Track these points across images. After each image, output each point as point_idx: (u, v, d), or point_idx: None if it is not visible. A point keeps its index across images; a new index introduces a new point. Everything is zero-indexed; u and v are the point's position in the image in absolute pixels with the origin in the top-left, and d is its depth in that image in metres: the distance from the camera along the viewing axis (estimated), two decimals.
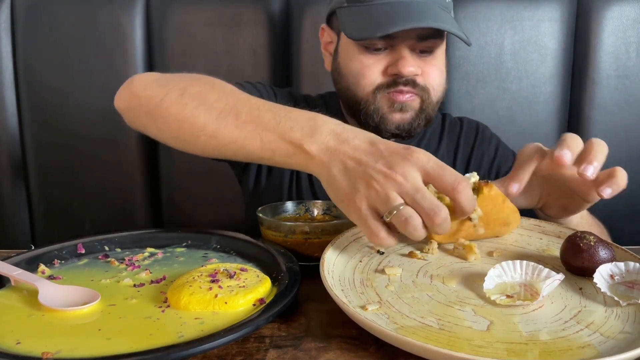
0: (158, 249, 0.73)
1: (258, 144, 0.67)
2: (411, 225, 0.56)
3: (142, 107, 0.78)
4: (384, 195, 0.57)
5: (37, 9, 1.32)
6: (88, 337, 0.50)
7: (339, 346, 0.51)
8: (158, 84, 0.79)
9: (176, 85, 0.76)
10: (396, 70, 0.91)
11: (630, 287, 0.58)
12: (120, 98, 0.83)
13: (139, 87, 0.80)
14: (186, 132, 0.73)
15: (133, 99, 0.80)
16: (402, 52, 0.91)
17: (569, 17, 1.30)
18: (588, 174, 0.66)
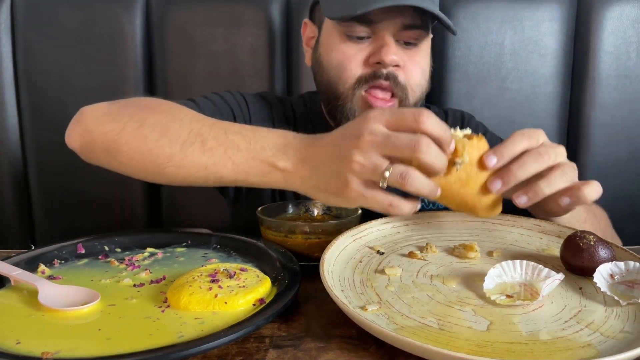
0: (158, 249, 0.73)
1: (230, 167, 0.66)
2: (409, 177, 0.57)
3: (97, 143, 0.74)
4: (369, 164, 0.58)
5: (37, 9, 1.32)
6: (88, 337, 0.50)
7: (339, 346, 0.51)
8: (111, 117, 0.75)
9: (132, 117, 0.73)
10: (378, 57, 0.86)
11: (630, 286, 0.58)
12: (72, 136, 0.79)
13: (91, 123, 0.76)
14: (151, 164, 0.70)
15: (86, 136, 0.76)
16: (385, 39, 0.87)
17: (569, 17, 1.30)
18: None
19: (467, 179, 0.63)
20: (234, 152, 0.67)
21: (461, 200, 0.65)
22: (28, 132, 1.36)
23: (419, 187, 0.58)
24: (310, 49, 1.01)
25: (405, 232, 0.76)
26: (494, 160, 0.63)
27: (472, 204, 0.65)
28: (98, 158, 0.77)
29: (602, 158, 1.32)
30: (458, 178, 0.63)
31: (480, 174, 0.64)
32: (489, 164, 0.63)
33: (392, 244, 0.72)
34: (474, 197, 0.64)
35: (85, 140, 0.77)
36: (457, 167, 0.63)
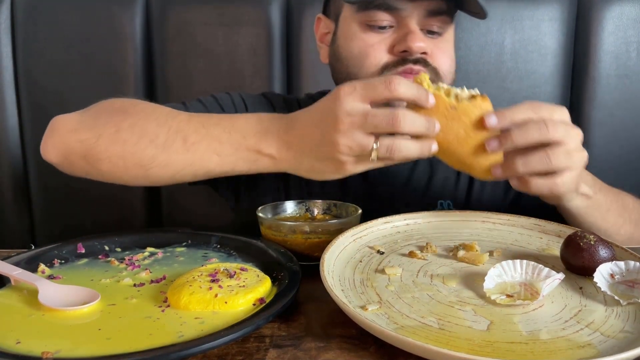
0: (158, 248, 0.73)
1: (216, 160, 0.67)
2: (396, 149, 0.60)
3: (75, 153, 0.73)
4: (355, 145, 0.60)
5: (37, 9, 1.32)
6: (88, 337, 0.50)
7: (339, 346, 0.51)
8: (85, 126, 0.74)
9: (107, 123, 0.72)
10: (404, 46, 0.82)
11: (631, 286, 0.58)
12: (47, 148, 0.77)
13: (65, 133, 0.75)
14: (135, 168, 0.70)
15: (62, 147, 0.75)
16: (410, 27, 0.82)
17: (569, 16, 1.30)
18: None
19: (466, 137, 0.64)
20: (217, 145, 0.67)
21: (458, 159, 0.66)
22: (28, 132, 1.36)
23: (409, 154, 0.61)
24: (326, 45, 0.97)
25: (405, 232, 0.76)
26: (493, 119, 0.63)
27: (469, 163, 0.66)
28: (77, 168, 0.75)
29: (602, 157, 1.32)
30: (456, 135, 0.64)
31: (479, 134, 0.64)
32: (488, 123, 0.63)
33: (392, 243, 0.72)
34: (471, 155, 0.65)
35: (61, 152, 0.75)
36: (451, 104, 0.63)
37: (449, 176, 0.99)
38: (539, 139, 0.63)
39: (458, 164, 0.67)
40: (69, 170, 0.78)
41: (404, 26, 0.83)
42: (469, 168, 0.67)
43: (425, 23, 0.84)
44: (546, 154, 0.64)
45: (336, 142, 0.61)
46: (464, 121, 0.64)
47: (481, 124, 0.63)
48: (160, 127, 0.69)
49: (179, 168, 0.68)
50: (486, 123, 0.63)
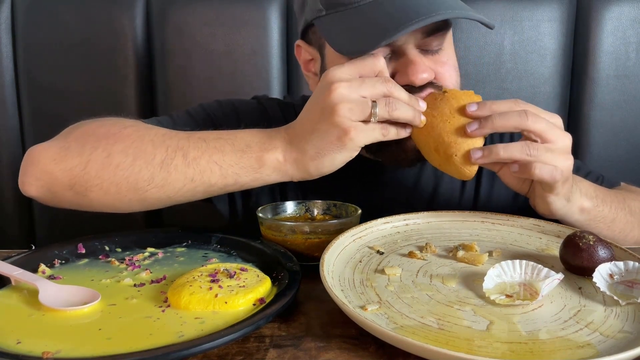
0: (158, 248, 0.73)
1: (218, 172, 0.67)
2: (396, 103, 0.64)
3: (61, 183, 0.69)
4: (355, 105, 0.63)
5: (37, 9, 1.32)
6: (88, 337, 0.50)
7: (339, 346, 0.51)
8: (71, 152, 0.69)
9: (96, 148, 0.68)
10: (406, 79, 0.74)
11: (630, 286, 0.58)
12: (27, 182, 0.71)
13: (48, 163, 0.69)
14: (128, 192, 0.67)
15: (46, 178, 0.69)
16: (409, 56, 0.75)
17: (569, 17, 1.30)
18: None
19: (449, 116, 0.69)
20: (220, 157, 0.67)
21: (438, 134, 0.69)
22: (28, 132, 1.36)
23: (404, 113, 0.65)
24: (313, 75, 0.89)
25: (405, 232, 0.76)
26: (474, 106, 0.68)
27: (448, 140, 0.68)
28: (63, 200, 0.71)
29: (601, 158, 1.32)
30: (441, 113, 0.69)
31: (462, 118, 0.69)
32: (468, 109, 0.68)
33: (391, 243, 0.72)
34: (451, 134, 0.68)
35: (45, 183, 0.70)
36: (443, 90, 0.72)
37: (455, 187, 0.97)
38: (517, 125, 0.66)
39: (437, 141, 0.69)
40: (53, 202, 0.73)
41: (401, 54, 0.76)
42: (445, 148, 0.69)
43: (422, 44, 0.77)
44: (527, 143, 0.67)
45: (334, 106, 0.63)
46: (451, 103, 0.69)
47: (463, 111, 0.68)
48: (157, 147, 0.67)
49: (178, 186, 0.67)
50: (467, 109, 0.68)
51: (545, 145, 0.67)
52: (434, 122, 0.69)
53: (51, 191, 0.71)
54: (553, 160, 0.67)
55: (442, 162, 0.71)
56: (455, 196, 0.97)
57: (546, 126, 0.67)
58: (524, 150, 0.66)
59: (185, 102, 1.29)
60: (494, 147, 0.67)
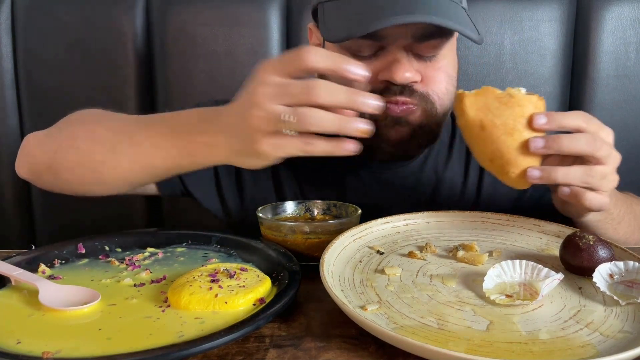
0: (158, 248, 0.73)
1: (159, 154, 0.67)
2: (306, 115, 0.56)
3: (40, 164, 0.76)
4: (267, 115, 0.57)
5: (37, 9, 1.32)
6: (88, 337, 0.50)
7: (339, 346, 0.51)
8: (48, 138, 0.77)
9: (65, 133, 0.75)
10: (388, 76, 0.75)
11: (630, 286, 0.58)
12: (19, 164, 0.80)
13: (32, 147, 0.78)
14: (90, 174, 0.71)
15: (29, 160, 0.78)
16: (395, 55, 0.75)
17: (569, 17, 1.30)
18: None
19: (513, 129, 0.62)
20: (159, 140, 0.67)
21: (497, 148, 0.63)
22: (28, 132, 1.35)
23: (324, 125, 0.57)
24: None
25: (405, 232, 0.76)
26: (542, 119, 0.61)
27: (507, 157, 0.63)
28: (45, 182, 0.78)
29: None
30: (504, 123, 0.62)
31: (526, 131, 0.62)
32: (536, 122, 0.61)
33: (391, 243, 0.72)
34: (512, 149, 0.63)
35: (30, 166, 0.78)
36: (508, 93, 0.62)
37: (455, 185, 0.96)
38: (585, 152, 0.62)
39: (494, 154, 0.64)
40: (39, 184, 0.80)
41: (389, 54, 0.76)
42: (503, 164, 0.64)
43: (413, 47, 0.76)
44: (588, 169, 0.63)
45: (250, 114, 0.58)
46: (516, 112, 0.62)
47: (530, 122, 0.62)
48: (108, 130, 0.71)
49: (127, 167, 0.69)
50: (534, 121, 0.61)
51: (601, 171, 0.63)
52: (495, 133, 0.62)
53: (35, 173, 0.78)
54: (605, 186, 0.64)
55: (494, 171, 0.66)
56: (455, 194, 0.97)
57: (608, 151, 0.64)
58: (582, 177, 0.63)
59: (185, 102, 1.29)
60: (553, 170, 0.62)
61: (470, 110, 0.63)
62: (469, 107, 0.63)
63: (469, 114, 0.63)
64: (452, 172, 0.97)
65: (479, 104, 0.63)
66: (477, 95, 0.63)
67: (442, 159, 0.96)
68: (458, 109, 0.65)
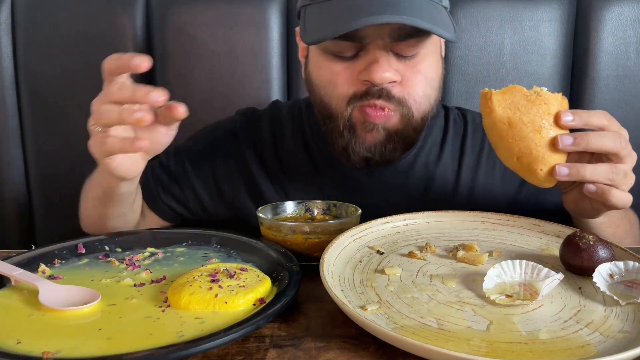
0: (158, 248, 0.73)
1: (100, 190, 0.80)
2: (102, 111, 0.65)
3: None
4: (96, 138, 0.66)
5: (37, 9, 1.32)
6: (88, 337, 0.50)
7: (339, 346, 0.51)
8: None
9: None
10: (367, 76, 0.77)
11: (630, 286, 0.58)
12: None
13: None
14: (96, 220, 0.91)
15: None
16: (374, 55, 0.76)
17: (569, 17, 1.30)
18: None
19: (540, 126, 0.64)
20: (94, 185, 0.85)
21: (526, 146, 0.64)
22: (28, 132, 1.36)
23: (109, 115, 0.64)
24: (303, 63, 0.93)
25: (405, 232, 0.76)
26: (569, 116, 0.63)
27: (535, 155, 0.64)
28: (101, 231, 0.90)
29: None
30: (532, 120, 0.64)
31: (554, 128, 0.64)
32: (563, 118, 0.63)
33: (391, 243, 0.72)
34: (541, 147, 0.64)
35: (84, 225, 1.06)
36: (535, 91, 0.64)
37: (447, 184, 0.96)
38: (611, 149, 0.64)
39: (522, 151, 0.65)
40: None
41: (368, 54, 0.77)
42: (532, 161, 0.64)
43: (394, 47, 0.78)
44: (613, 167, 0.65)
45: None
46: (543, 109, 0.64)
47: (557, 119, 0.64)
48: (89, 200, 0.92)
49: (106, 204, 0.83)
50: (561, 118, 0.63)
51: (623, 169, 0.65)
52: (524, 130, 0.63)
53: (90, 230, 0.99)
54: (626, 184, 0.66)
55: (521, 170, 0.67)
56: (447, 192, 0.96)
57: (628, 150, 0.66)
58: (608, 174, 0.65)
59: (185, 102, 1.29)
60: (581, 167, 0.64)
61: (498, 108, 0.65)
62: (497, 105, 0.65)
63: (497, 111, 0.65)
64: (443, 170, 0.96)
65: (507, 101, 0.64)
66: (504, 93, 0.65)
67: (433, 157, 0.96)
68: (485, 107, 0.66)
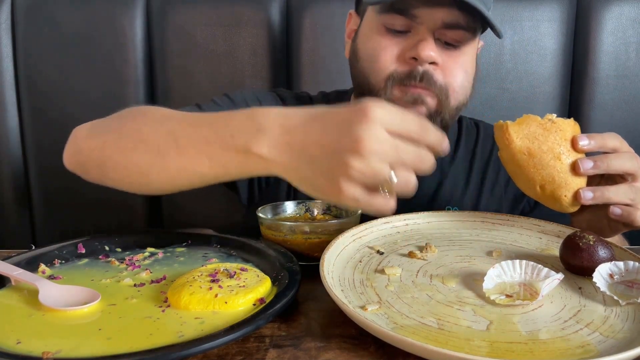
0: (158, 248, 0.73)
1: (207, 163, 0.62)
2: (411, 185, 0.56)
3: (88, 161, 0.73)
4: (369, 171, 0.53)
5: (37, 9, 1.32)
6: (88, 337, 0.50)
7: (339, 346, 0.51)
8: (94, 133, 0.73)
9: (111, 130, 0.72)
10: (414, 52, 0.81)
11: (630, 286, 0.58)
12: (66, 158, 0.77)
13: (80, 141, 0.74)
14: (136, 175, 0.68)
15: (77, 155, 0.75)
16: (423, 34, 0.81)
17: (569, 17, 1.30)
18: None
19: (560, 153, 0.66)
20: (205, 147, 0.62)
21: (549, 173, 0.66)
22: (28, 132, 1.36)
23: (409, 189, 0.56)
24: (351, 41, 0.96)
25: (405, 232, 0.76)
26: (585, 141, 0.67)
27: (558, 181, 0.66)
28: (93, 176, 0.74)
29: None
30: (551, 148, 0.66)
31: (571, 153, 0.67)
32: (580, 143, 0.66)
33: (391, 243, 0.72)
34: (562, 173, 0.66)
35: (77, 160, 0.75)
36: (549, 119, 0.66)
37: (458, 183, 0.99)
38: (629, 170, 0.67)
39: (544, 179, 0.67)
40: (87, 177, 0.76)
41: (417, 33, 0.82)
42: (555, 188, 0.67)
43: (441, 33, 0.82)
44: (632, 187, 0.68)
45: (348, 162, 0.53)
46: (559, 136, 0.66)
47: (573, 144, 0.66)
48: (155, 131, 0.67)
49: (174, 173, 0.65)
50: (579, 142, 0.66)
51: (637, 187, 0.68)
52: (544, 159, 0.66)
53: (83, 168, 0.74)
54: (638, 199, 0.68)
55: (544, 198, 0.68)
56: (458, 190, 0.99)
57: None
58: (629, 194, 0.67)
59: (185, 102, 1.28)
60: (605, 189, 0.67)
61: (517, 139, 0.67)
62: (515, 136, 0.67)
63: (516, 142, 0.67)
64: (455, 171, 1.00)
65: (524, 131, 0.67)
66: (520, 124, 0.67)
67: (447, 156, 1.00)
68: (502, 139, 0.68)
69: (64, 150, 0.77)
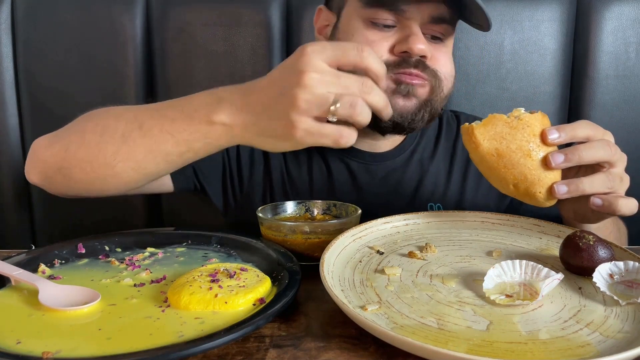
0: (158, 248, 0.73)
1: (171, 140, 0.65)
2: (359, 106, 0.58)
3: (51, 168, 0.74)
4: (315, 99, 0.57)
5: (37, 9, 1.32)
6: (88, 337, 0.50)
7: (339, 346, 0.51)
8: (57, 139, 0.75)
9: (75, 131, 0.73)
10: (406, 46, 0.82)
11: (630, 286, 0.58)
12: (29, 171, 0.78)
13: (41, 151, 0.76)
14: (103, 168, 0.69)
15: (39, 165, 0.76)
16: (412, 29, 0.82)
17: (569, 17, 1.30)
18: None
19: (529, 150, 0.64)
20: (170, 125, 0.66)
21: (520, 172, 0.65)
22: (28, 131, 1.36)
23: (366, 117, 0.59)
24: (324, 38, 0.96)
25: (405, 232, 0.76)
26: (555, 134, 0.64)
27: (531, 179, 0.65)
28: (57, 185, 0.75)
29: None
30: (519, 146, 0.64)
31: (542, 148, 0.64)
32: (550, 137, 0.63)
33: (391, 243, 0.72)
34: (534, 170, 0.64)
35: (40, 170, 0.76)
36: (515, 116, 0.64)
37: (439, 179, 1.00)
38: (603, 158, 0.64)
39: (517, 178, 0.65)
40: (52, 189, 0.78)
41: (406, 28, 0.83)
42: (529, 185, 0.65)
43: (427, 28, 0.85)
44: (608, 174, 0.65)
45: (295, 96, 0.58)
46: (527, 132, 0.64)
47: (543, 139, 0.64)
48: (118, 121, 0.69)
49: (140, 157, 0.67)
50: (548, 137, 0.63)
51: (617, 174, 0.66)
52: (514, 158, 0.64)
53: (47, 178, 0.76)
54: (623, 188, 0.66)
55: (519, 196, 0.67)
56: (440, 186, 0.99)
57: (618, 154, 0.66)
58: (606, 183, 0.65)
59: None
60: (579, 182, 0.64)
61: (483, 141, 0.65)
62: (482, 138, 0.65)
63: (484, 144, 0.65)
64: (436, 167, 1.01)
65: (490, 132, 0.65)
66: (486, 125, 0.65)
67: (427, 153, 1.01)
68: (470, 142, 0.66)
69: (25, 165, 0.78)
